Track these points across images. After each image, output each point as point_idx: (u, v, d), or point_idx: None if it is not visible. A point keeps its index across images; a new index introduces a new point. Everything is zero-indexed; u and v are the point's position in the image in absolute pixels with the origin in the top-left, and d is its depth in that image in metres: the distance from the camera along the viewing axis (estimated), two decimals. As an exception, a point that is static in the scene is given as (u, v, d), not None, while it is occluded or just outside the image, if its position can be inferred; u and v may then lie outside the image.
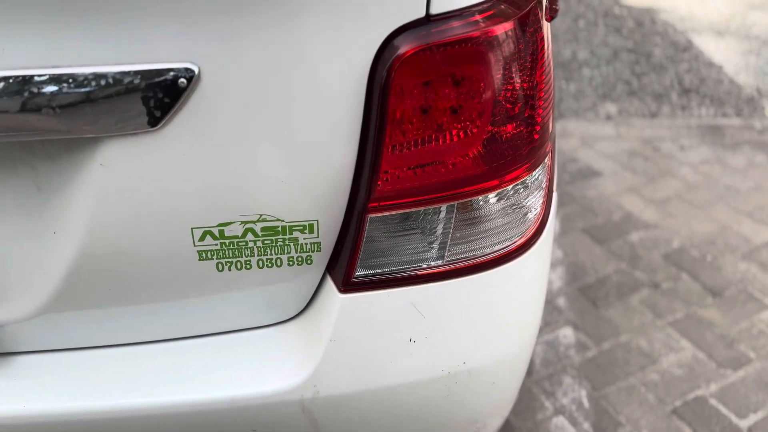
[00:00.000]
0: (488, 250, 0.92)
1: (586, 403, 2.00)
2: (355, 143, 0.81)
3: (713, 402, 1.99)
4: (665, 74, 4.38)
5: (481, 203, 0.89)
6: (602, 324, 2.31)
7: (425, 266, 0.90)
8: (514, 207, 0.92)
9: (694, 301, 2.41)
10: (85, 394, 0.91)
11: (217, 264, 0.88)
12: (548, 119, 0.92)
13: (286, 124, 0.78)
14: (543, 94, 0.90)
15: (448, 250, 0.90)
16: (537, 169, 0.93)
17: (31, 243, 0.84)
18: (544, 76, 0.89)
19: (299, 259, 0.90)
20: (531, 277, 0.97)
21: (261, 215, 0.84)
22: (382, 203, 0.84)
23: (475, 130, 0.85)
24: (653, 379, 2.08)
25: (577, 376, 2.10)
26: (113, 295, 0.89)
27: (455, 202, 0.87)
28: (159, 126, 0.74)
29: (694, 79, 4.32)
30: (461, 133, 0.84)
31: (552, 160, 0.99)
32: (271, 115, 0.77)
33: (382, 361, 0.92)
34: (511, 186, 0.90)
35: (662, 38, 4.94)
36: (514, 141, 0.88)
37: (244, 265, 0.89)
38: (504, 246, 0.93)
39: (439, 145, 0.84)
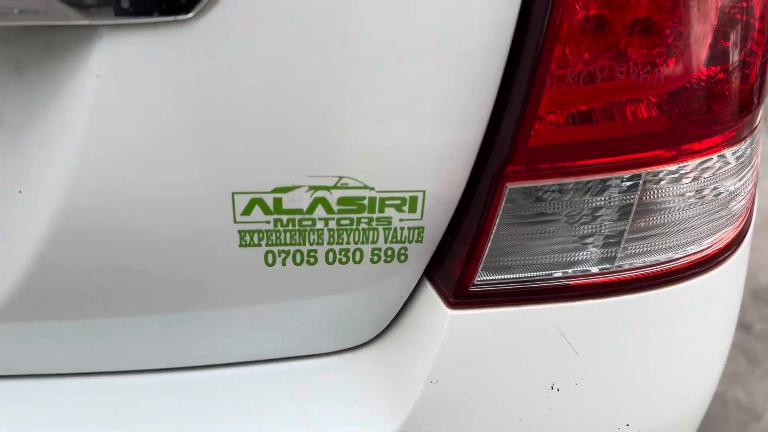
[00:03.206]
0: (675, 255, 0.60)
1: (680, 467, 1.64)
2: (499, 70, 0.51)
3: (840, 474, 1.62)
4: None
5: (671, 178, 0.58)
6: (689, 370, 1.95)
7: (583, 272, 0.59)
8: (715, 191, 0.60)
9: (796, 348, 2.05)
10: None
11: (267, 254, 0.57)
12: (766, 71, 0.62)
13: (392, 30, 0.48)
14: (764, 30, 0.60)
15: (622, 250, 0.58)
16: (747, 140, 0.62)
17: (-14, 208, 0.55)
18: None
19: (389, 252, 0.59)
20: (725, 299, 0.65)
21: (340, 178, 0.54)
22: (530, 166, 0.54)
23: (670, 63, 0.54)
24: (760, 441, 1.71)
25: (665, 433, 1.74)
26: (105, 298, 0.59)
27: (640, 173, 0.56)
28: (192, 13, 0.45)
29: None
30: (650, 65, 0.53)
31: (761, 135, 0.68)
32: (371, 11, 0.47)
33: (508, 417, 0.60)
34: (709, 158, 0.59)
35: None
36: (724, 90, 0.58)
37: (305, 258, 0.58)
38: (697, 250, 0.61)
39: (619, 81, 0.53)
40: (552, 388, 0.60)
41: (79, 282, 0.57)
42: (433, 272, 0.62)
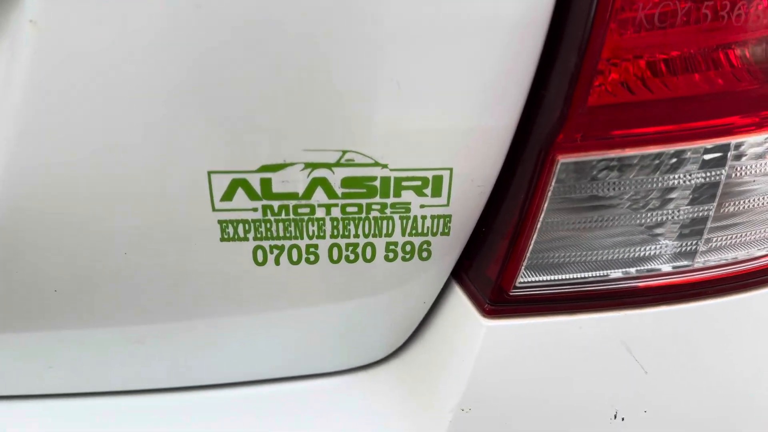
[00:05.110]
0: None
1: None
2: (548, 6, 0.39)
3: None
4: None
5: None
6: None
7: (653, 271, 0.47)
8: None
9: None
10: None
11: (256, 250, 0.46)
12: None
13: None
14: None
15: (705, 242, 0.46)
16: None
17: None
18: None
19: (407, 248, 0.48)
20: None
21: (344, 152, 0.42)
22: (588, 132, 0.42)
23: None
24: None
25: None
26: (61, 305, 0.48)
27: (729, 142, 0.43)
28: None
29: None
30: None
31: None
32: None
33: (559, 453, 0.48)
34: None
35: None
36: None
37: (304, 255, 0.47)
38: (797, 241, 0.48)
39: (705, 18, 0.41)
40: (615, 417, 0.48)
41: (26, 282, 0.46)
42: (463, 272, 0.50)
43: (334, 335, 0.53)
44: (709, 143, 0.43)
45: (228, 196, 0.43)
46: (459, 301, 0.50)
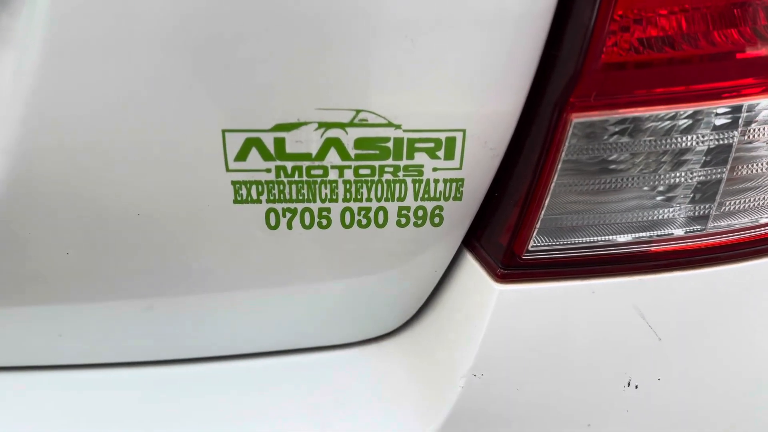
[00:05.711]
0: (785, 213, 0.47)
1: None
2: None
3: None
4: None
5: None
6: None
7: (666, 236, 0.46)
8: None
9: None
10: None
11: (269, 213, 0.46)
12: None
13: None
14: None
15: (717, 206, 0.46)
16: None
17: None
18: None
19: (419, 213, 0.48)
20: None
21: (358, 112, 0.43)
22: (603, 90, 0.42)
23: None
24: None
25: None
26: (71, 269, 0.48)
27: (740, 103, 0.44)
28: None
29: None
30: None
31: None
32: None
33: (572, 421, 0.47)
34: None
35: None
36: None
37: (316, 220, 0.47)
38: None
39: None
40: (629, 384, 0.47)
41: (39, 241, 0.46)
42: (474, 240, 0.50)
43: (345, 306, 0.53)
44: (721, 104, 0.43)
45: (242, 155, 0.43)
46: (471, 268, 0.50)
